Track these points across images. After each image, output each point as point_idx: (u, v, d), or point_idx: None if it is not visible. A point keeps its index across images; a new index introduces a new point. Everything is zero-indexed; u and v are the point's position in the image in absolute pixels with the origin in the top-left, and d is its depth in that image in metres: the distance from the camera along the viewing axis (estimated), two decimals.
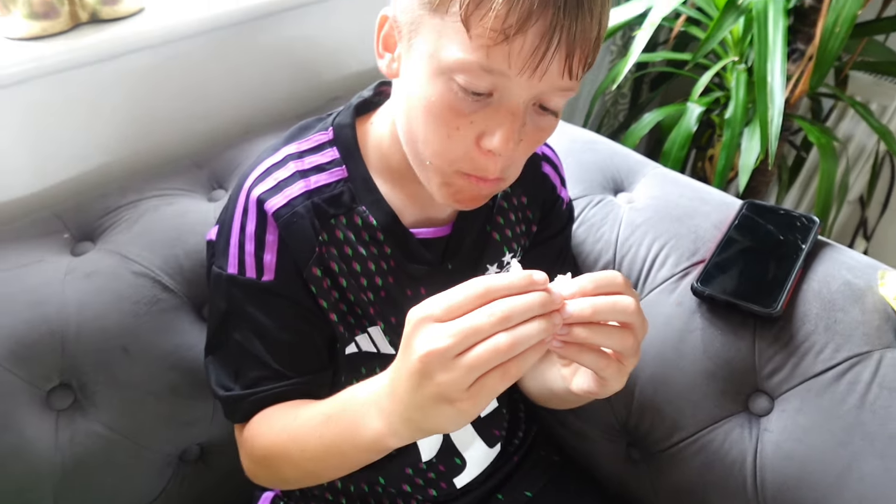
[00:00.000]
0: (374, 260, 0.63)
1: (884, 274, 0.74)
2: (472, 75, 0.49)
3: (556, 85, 0.50)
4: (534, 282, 0.44)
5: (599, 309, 0.45)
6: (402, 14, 0.53)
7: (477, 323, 0.42)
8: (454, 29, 0.48)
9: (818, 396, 0.68)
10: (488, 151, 0.53)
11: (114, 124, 0.88)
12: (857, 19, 1.03)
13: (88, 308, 0.71)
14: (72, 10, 0.80)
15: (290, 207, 0.60)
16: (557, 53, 0.48)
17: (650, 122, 1.37)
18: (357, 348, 0.66)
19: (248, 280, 0.61)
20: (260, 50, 0.98)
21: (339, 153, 0.63)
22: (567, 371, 0.58)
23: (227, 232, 0.62)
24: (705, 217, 0.83)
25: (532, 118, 0.54)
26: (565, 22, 0.47)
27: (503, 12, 0.46)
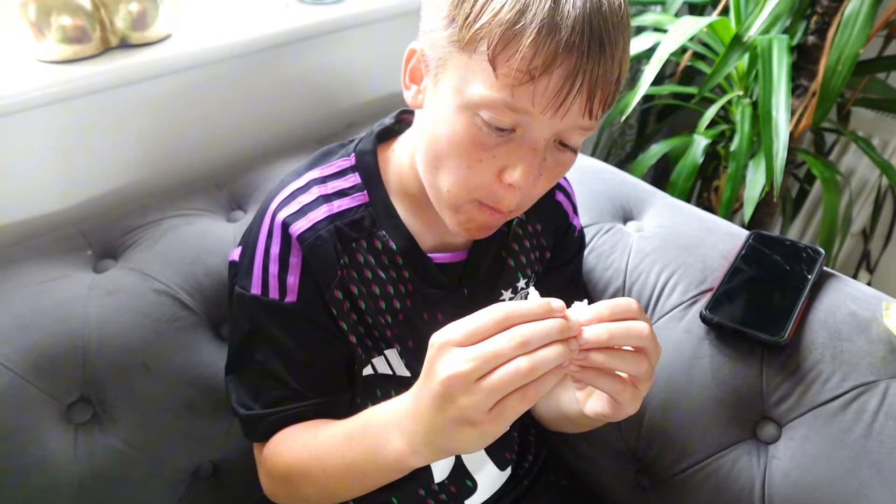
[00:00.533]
0: (393, 283, 0.65)
1: (888, 305, 0.75)
2: (496, 112, 0.51)
3: (577, 124, 0.53)
4: (552, 309, 0.46)
5: (615, 334, 0.47)
6: (430, 49, 0.56)
7: (498, 347, 0.43)
8: (481, 67, 0.51)
9: (825, 425, 0.69)
10: (508, 185, 0.55)
11: (139, 145, 0.91)
12: (858, 58, 1.07)
13: (110, 324, 0.73)
14: (103, 35, 0.83)
15: (314, 231, 0.62)
16: (579, 95, 0.50)
17: (657, 152, 1.40)
18: (373, 370, 0.67)
19: (271, 301, 0.62)
20: (280, 76, 1.01)
21: (360, 178, 0.65)
22: (581, 394, 0.59)
23: (251, 253, 0.64)
24: (712, 246, 0.85)
25: (552, 154, 0.56)
26: (588, 66, 0.49)
27: (530, 54, 0.48)
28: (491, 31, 0.49)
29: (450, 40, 0.52)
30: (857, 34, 1.06)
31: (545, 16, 0.48)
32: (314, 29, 0.99)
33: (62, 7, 0.79)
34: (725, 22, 1.23)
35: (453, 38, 0.52)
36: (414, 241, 0.65)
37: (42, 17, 0.78)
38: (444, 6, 0.53)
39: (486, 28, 0.49)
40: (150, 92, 0.88)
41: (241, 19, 0.96)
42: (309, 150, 0.99)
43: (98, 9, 0.81)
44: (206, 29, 0.92)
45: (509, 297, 0.72)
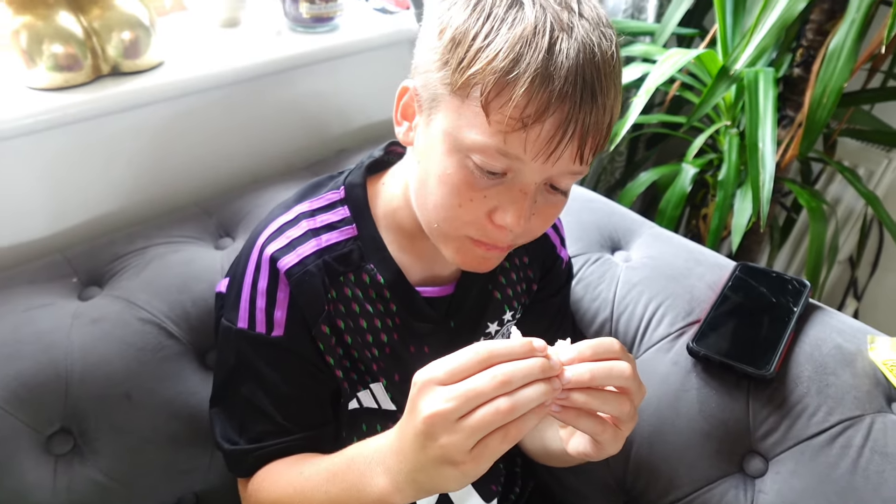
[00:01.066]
0: (380, 317, 0.65)
1: (873, 339, 0.76)
2: (488, 157, 0.52)
3: (568, 169, 0.53)
4: (533, 348, 0.46)
5: (597, 374, 0.47)
6: (423, 88, 0.56)
7: (479, 386, 0.44)
8: (473, 112, 0.51)
9: (812, 459, 0.69)
10: (500, 226, 0.55)
11: (129, 172, 0.91)
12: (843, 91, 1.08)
13: (94, 353, 0.72)
14: (94, 63, 0.83)
15: (302, 266, 0.62)
16: (571, 143, 0.51)
17: (646, 180, 1.41)
18: (358, 404, 0.67)
19: (257, 335, 0.62)
20: (271, 104, 1.02)
21: (349, 212, 0.65)
22: (564, 433, 0.59)
23: (238, 286, 0.64)
24: (700, 277, 0.85)
25: (543, 196, 0.56)
26: (580, 115, 0.50)
27: (523, 103, 0.49)
28: (485, 78, 0.49)
29: (443, 82, 0.53)
30: (841, 67, 1.08)
31: (539, 65, 0.48)
32: (306, 57, 1.00)
33: (54, 35, 0.79)
34: (713, 54, 1.25)
35: (446, 81, 0.52)
36: (402, 274, 0.65)
37: (33, 44, 0.79)
38: (439, 49, 0.53)
39: (480, 75, 0.49)
40: (141, 119, 0.88)
41: (234, 47, 0.97)
42: (300, 176, 1.00)
43: (90, 37, 0.82)
44: (198, 57, 0.93)
45: (496, 329, 0.72)
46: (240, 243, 0.87)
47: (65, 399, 0.70)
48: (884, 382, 0.72)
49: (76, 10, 0.81)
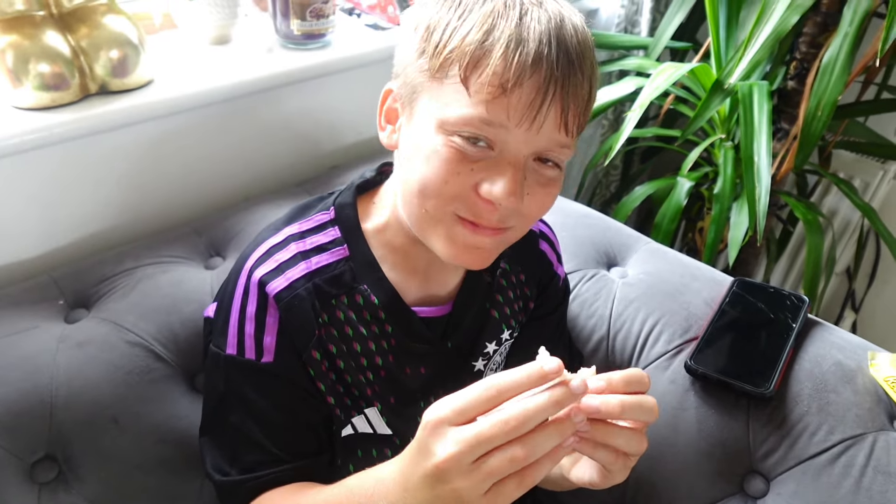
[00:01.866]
0: (375, 339, 0.63)
1: (874, 355, 0.75)
2: (473, 128, 0.52)
3: (554, 139, 0.53)
4: (545, 375, 0.44)
5: (627, 407, 0.46)
6: (403, 86, 0.57)
7: (492, 432, 0.43)
8: (454, 90, 0.52)
9: (814, 480, 0.68)
10: (487, 200, 0.53)
11: (117, 191, 0.90)
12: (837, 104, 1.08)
13: (79, 377, 0.70)
14: (82, 82, 0.83)
15: (291, 290, 0.60)
16: (553, 106, 0.51)
17: (641, 194, 1.40)
18: (353, 430, 0.65)
19: (246, 361, 0.60)
20: (262, 122, 1.01)
21: (340, 233, 0.64)
22: (566, 461, 0.58)
23: (226, 312, 0.62)
24: (696, 294, 0.84)
25: (534, 173, 0.55)
26: (558, 76, 0.51)
27: (500, 69, 0.50)
28: (461, 53, 0.51)
29: (421, 70, 0.54)
30: (835, 81, 1.08)
31: (512, 32, 0.50)
32: (297, 74, 0.99)
33: (41, 54, 0.78)
34: (706, 68, 1.24)
35: (424, 68, 0.54)
36: (397, 294, 0.64)
37: (20, 64, 0.78)
38: (415, 40, 0.55)
39: (457, 51, 0.51)
40: (129, 138, 0.87)
41: (224, 65, 0.96)
42: (291, 194, 0.99)
43: (77, 56, 0.81)
44: (188, 74, 0.92)
45: (494, 349, 0.71)
46: (230, 263, 0.86)
47: (49, 425, 0.68)
48: (885, 400, 0.71)
49: (63, 30, 0.80)
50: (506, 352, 0.73)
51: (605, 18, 1.51)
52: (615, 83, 1.36)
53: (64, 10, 0.81)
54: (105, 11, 0.83)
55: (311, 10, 0.99)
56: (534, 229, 0.74)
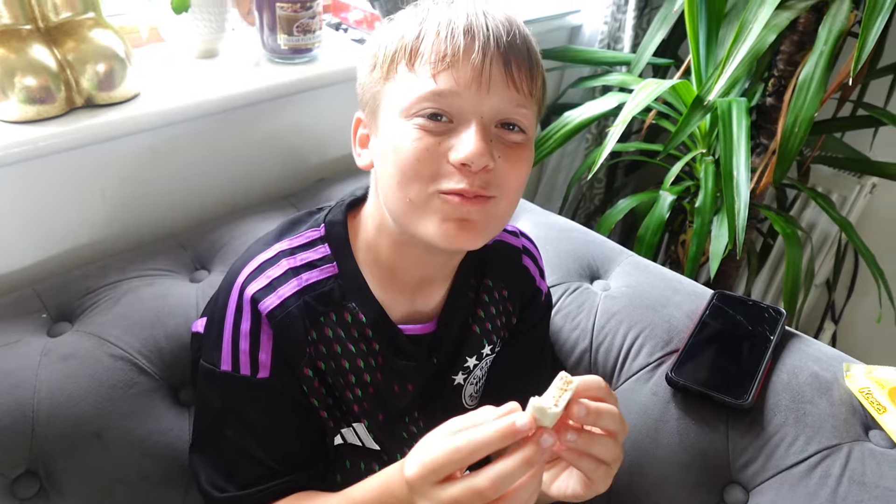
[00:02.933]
0: (363, 356, 0.64)
1: (849, 366, 0.76)
2: (427, 102, 0.55)
3: (506, 97, 0.56)
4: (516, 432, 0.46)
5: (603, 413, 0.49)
6: (366, 105, 0.61)
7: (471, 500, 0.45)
8: (404, 80, 0.57)
9: (791, 490, 0.69)
10: (461, 165, 0.54)
11: (103, 204, 0.90)
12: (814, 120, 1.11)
13: (62, 392, 0.70)
14: (68, 95, 0.83)
15: (283, 308, 0.60)
16: (494, 64, 0.55)
17: (624, 207, 1.42)
18: (342, 440, 0.66)
19: (243, 377, 0.61)
20: (249, 135, 1.02)
21: (330, 250, 0.64)
22: (546, 476, 0.58)
23: (218, 328, 0.62)
24: (678, 306, 0.86)
25: (498, 138, 0.57)
26: (492, 37, 0.55)
27: (438, 46, 0.55)
28: (402, 48, 0.56)
29: (375, 81, 0.59)
30: (811, 97, 1.11)
31: (441, 16, 0.56)
32: (284, 88, 1.00)
33: (27, 68, 0.78)
34: (687, 84, 1.27)
35: (377, 77, 0.59)
36: (384, 312, 0.64)
37: (6, 77, 0.78)
38: (366, 60, 0.61)
39: (399, 50, 0.57)
40: (115, 151, 0.88)
41: (211, 78, 0.97)
42: (277, 207, 0.99)
43: (64, 69, 0.81)
44: (175, 88, 0.92)
45: (474, 363, 0.71)
46: (216, 276, 0.86)
47: (31, 440, 0.68)
48: (860, 411, 0.73)
49: (50, 43, 0.81)
50: (486, 366, 0.74)
51: (589, 35, 1.54)
52: (599, 98, 1.38)
53: (51, 24, 0.82)
54: (92, 25, 0.84)
55: (298, 25, 1.00)
56: (516, 245, 0.75)
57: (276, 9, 0.98)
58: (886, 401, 0.72)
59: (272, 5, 0.98)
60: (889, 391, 0.73)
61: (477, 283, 0.71)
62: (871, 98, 1.37)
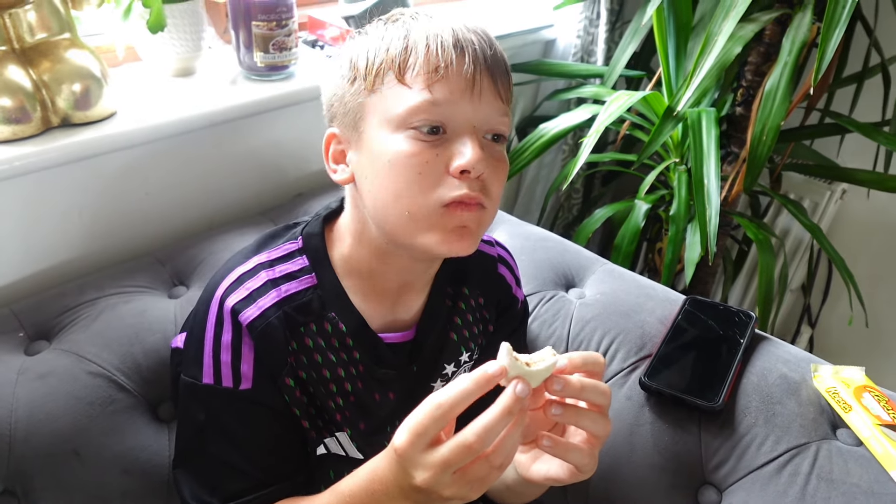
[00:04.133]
0: (344, 366, 0.65)
1: (816, 367, 0.78)
2: (424, 114, 0.56)
3: (495, 108, 0.58)
4: (490, 379, 0.48)
5: (586, 387, 0.50)
6: (343, 119, 0.61)
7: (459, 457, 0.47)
8: (394, 91, 0.57)
9: (762, 489, 0.70)
10: (461, 173, 0.56)
11: (80, 223, 0.90)
12: (781, 128, 1.14)
13: (40, 410, 0.70)
14: (44, 115, 0.83)
15: (263, 319, 0.61)
16: (484, 77, 0.57)
17: (601, 217, 1.44)
18: (326, 450, 0.67)
19: (225, 389, 0.61)
20: (226, 152, 1.03)
21: (308, 261, 0.65)
22: (525, 457, 0.59)
23: (198, 341, 0.62)
24: (651, 312, 0.88)
25: (487, 147, 0.58)
26: (479, 52, 0.57)
27: (430, 58, 0.56)
28: (390, 61, 0.57)
29: (358, 93, 0.59)
30: (777, 107, 1.14)
31: (427, 29, 0.57)
32: (261, 105, 1.01)
33: (2, 88, 0.79)
34: (658, 95, 1.30)
35: (360, 89, 0.59)
36: (364, 321, 0.65)
37: None
38: (342, 73, 0.60)
39: (386, 61, 0.57)
40: (92, 170, 0.88)
41: (188, 96, 0.98)
42: (256, 222, 1.00)
43: (39, 89, 0.82)
44: (152, 106, 0.93)
45: (452, 370, 0.72)
46: (194, 292, 0.87)
47: (8, 459, 0.68)
48: (828, 410, 0.75)
49: (25, 64, 0.81)
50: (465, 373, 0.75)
51: (563, 48, 1.57)
52: (573, 110, 1.41)
53: (26, 44, 0.82)
54: (67, 46, 0.84)
55: (274, 42, 1.01)
56: (492, 254, 0.76)
57: (252, 27, 1.00)
58: (852, 399, 0.74)
59: (248, 23, 1.00)
60: (854, 390, 0.75)
61: (454, 291, 0.72)
62: (838, 106, 1.41)
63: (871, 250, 1.73)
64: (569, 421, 0.51)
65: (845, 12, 0.96)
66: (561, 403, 0.51)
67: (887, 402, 0.74)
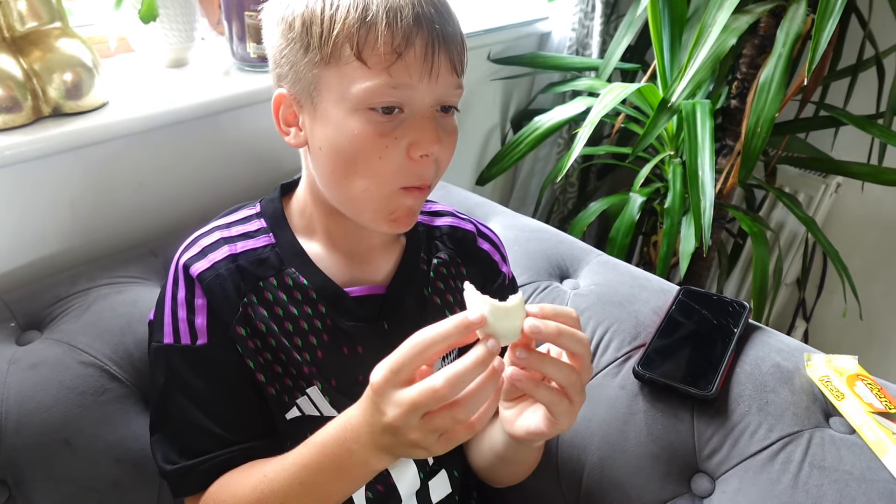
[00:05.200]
0: (308, 319, 0.65)
1: (809, 356, 0.79)
2: (383, 96, 0.55)
3: (450, 83, 0.58)
4: (469, 325, 0.48)
5: (564, 333, 0.50)
6: (295, 85, 0.60)
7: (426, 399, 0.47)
8: (352, 68, 0.55)
9: (755, 476, 0.70)
10: (420, 157, 0.58)
11: (72, 213, 0.90)
12: (776, 120, 1.14)
13: (31, 400, 0.70)
14: (35, 105, 0.83)
15: (213, 270, 0.63)
16: (441, 54, 0.56)
17: (596, 210, 1.45)
18: (300, 412, 0.66)
19: (184, 346, 0.62)
20: (219, 143, 1.02)
21: (265, 223, 0.67)
22: (511, 412, 0.60)
23: (161, 304, 0.65)
24: (645, 302, 0.88)
25: (440, 121, 0.59)
26: (437, 28, 0.56)
27: (389, 38, 0.54)
28: (348, 34, 0.55)
29: (312, 63, 0.57)
30: (771, 99, 1.14)
31: (387, 2, 0.54)
32: (254, 96, 1.01)
33: None
34: (653, 88, 1.30)
35: (315, 60, 0.56)
36: (326, 276, 0.66)
37: None
38: (294, 39, 0.57)
39: (343, 34, 0.55)
40: (84, 160, 0.88)
41: (181, 87, 0.97)
42: None
43: (30, 79, 0.81)
44: (144, 97, 0.93)
45: None
46: None
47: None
48: (821, 398, 0.75)
49: (16, 53, 0.81)
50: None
51: (558, 41, 1.56)
52: (568, 103, 1.41)
53: (16, 33, 0.82)
54: (58, 35, 0.84)
55: None
56: (471, 229, 0.77)
57: (244, 18, 0.99)
58: (845, 387, 0.74)
59: (241, 14, 0.99)
60: (847, 378, 0.75)
61: (428, 258, 0.73)
62: (832, 99, 1.41)
63: (865, 243, 1.74)
64: (533, 365, 0.50)
65: (838, 4, 0.96)
66: (526, 348, 0.50)
67: (880, 391, 0.74)
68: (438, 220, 0.77)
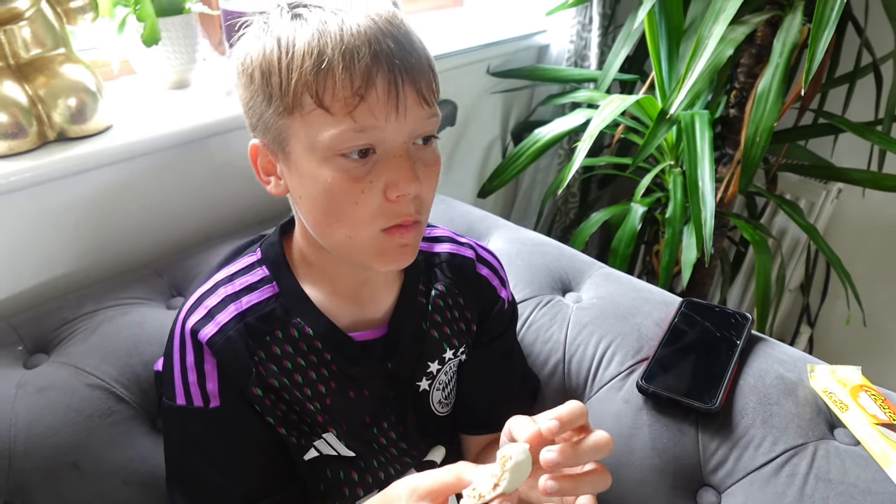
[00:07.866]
0: (315, 368, 0.65)
1: (813, 367, 0.79)
2: (350, 141, 0.53)
3: (420, 116, 0.56)
4: None
5: (583, 452, 0.50)
6: (266, 135, 0.58)
7: None
8: (315, 116, 0.53)
9: (761, 490, 0.70)
10: (397, 197, 0.56)
11: (78, 236, 0.90)
12: (775, 128, 1.14)
13: (39, 424, 0.70)
14: (40, 130, 0.84)
15: (222, 334, 0.62)
16: (406, 88, 0.54)
17: (597, 220, 1.45)
18: (318, 452, 0.67)
19: (197, 409, 0.62)
20: (223, 163, 1.03)
21: (268, 271, 0.66)
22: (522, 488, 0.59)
23: (169, 365, 0.64)
24: (647, 315, 0.88)
25: (418, 155, 0.57)
26: (398, 61, 0.53)
27: (348, 81, 0.52)
28: (305, 83, 0.52)
29: (277, 114, 0.55)
30: (770, 108, 1.14)
31: (340, 44, 0.52)
32: None
33: None
34: (651, 99, 1.30)
35: (279, 110, 0.55)
36: (330, 322, 0.66)
37: None
38: (256, 91, 0.56)
39: (300, 83, 0.52)
40: (88, 183, 0.89)
41: (184, 108, 0.98)
42: (252, 233, 0.99)
43: (35, 104, 0.82)
44: (147, 119, 0.94)
45: (436, 368, 0.73)
46: None
47: (7, 473, 0.68)
48: (825, 410, 0.75)
49: (21, 79, 0.82)
50: (451, 371, 0.75)
51: (556, 53, 1.57)
52: (568, 115, 1.42)
53: (21, 60, 0.83)
54: (63, 61, 0.85)
55: None
56: (466, 254, 0.76)
57: None
58: (849, 399, 0.74)
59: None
60: (851, 390, 0.75)
61: (427, 289, 0.72)
62: (830, 106, 1.42)
63: (867, 249, 1.74)
64: (567, 492, 0.50)
65: (834, 13, 0.97)
66: (554, 478, 0.50)
67: (884, 402, 0.74)
68: (438, 246, 0.76)
